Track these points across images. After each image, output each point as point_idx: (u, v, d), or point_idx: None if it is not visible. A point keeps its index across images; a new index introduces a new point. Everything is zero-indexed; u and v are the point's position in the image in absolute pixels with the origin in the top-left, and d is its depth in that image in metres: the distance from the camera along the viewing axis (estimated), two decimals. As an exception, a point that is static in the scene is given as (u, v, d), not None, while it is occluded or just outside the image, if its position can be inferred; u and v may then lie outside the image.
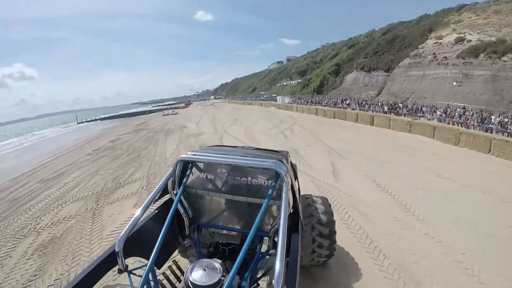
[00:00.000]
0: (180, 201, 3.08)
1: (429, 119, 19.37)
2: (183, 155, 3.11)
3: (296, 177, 4.17)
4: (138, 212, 2.68)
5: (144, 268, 2.45)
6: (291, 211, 2.94)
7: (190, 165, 3.17)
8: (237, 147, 4.74)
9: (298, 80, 68.81)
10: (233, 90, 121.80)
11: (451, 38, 32.97)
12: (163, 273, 3.10)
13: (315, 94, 50.39)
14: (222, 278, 2.18)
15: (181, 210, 3.23)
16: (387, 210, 7.16)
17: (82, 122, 64.42)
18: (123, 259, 2.45)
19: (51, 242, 6.70)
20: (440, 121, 18.12)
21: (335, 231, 4.17)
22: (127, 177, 11.58)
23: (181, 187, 3.07)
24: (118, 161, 14.94)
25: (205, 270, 2.22)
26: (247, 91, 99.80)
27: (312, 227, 3.92)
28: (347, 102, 29.57)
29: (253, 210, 2.98)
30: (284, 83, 77.60)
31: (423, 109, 21.44)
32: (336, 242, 4.23)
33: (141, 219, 2.77)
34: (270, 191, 2.79)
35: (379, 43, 48.71)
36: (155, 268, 2.61)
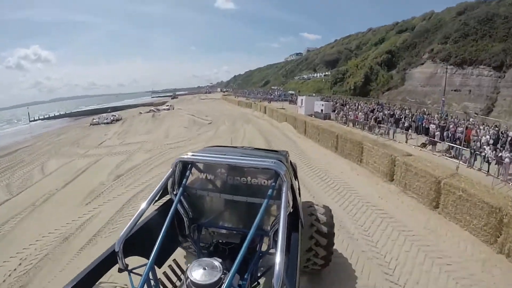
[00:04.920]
0: (180, 201, 3.11)
1: None
2: (182, 156, 3.15)
3: (296, 177, 4.21)
4: (138, 212, 2.68)
5: (144, 267, 2.45)
6: (291, 210, 2.97)
7: (190, 165, 3.18)
8: (236, 147, 4.90)
9: (326, 73, 52.02)
10: (245, 83, 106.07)
11: None
12: (164, 272, 3.08)
13: (354, 95, 33.90)
14: (222, 277, 2.18)
15: (181, 211, 3.28)
16: None
17: (34, 120, 48.18)
18: (123, 258, 2.47)
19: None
20: None
21: (333, 243, 4.28)
22: None
23: (181, 188, 3.09)
24: None
25: (205, 269, 2.22)
26: (259, 84, 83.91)
27: (311, 236, 3.98)
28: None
29: (253, 209, 2.98)
30: (305, 76, 60.86)
31: None
32: (332, 253, 4.35)
33: (141, 219, 2.82)
34: (270, 191, 2.82)
35: (466, 23, 31.55)
36: (155, 267, 2.62)
